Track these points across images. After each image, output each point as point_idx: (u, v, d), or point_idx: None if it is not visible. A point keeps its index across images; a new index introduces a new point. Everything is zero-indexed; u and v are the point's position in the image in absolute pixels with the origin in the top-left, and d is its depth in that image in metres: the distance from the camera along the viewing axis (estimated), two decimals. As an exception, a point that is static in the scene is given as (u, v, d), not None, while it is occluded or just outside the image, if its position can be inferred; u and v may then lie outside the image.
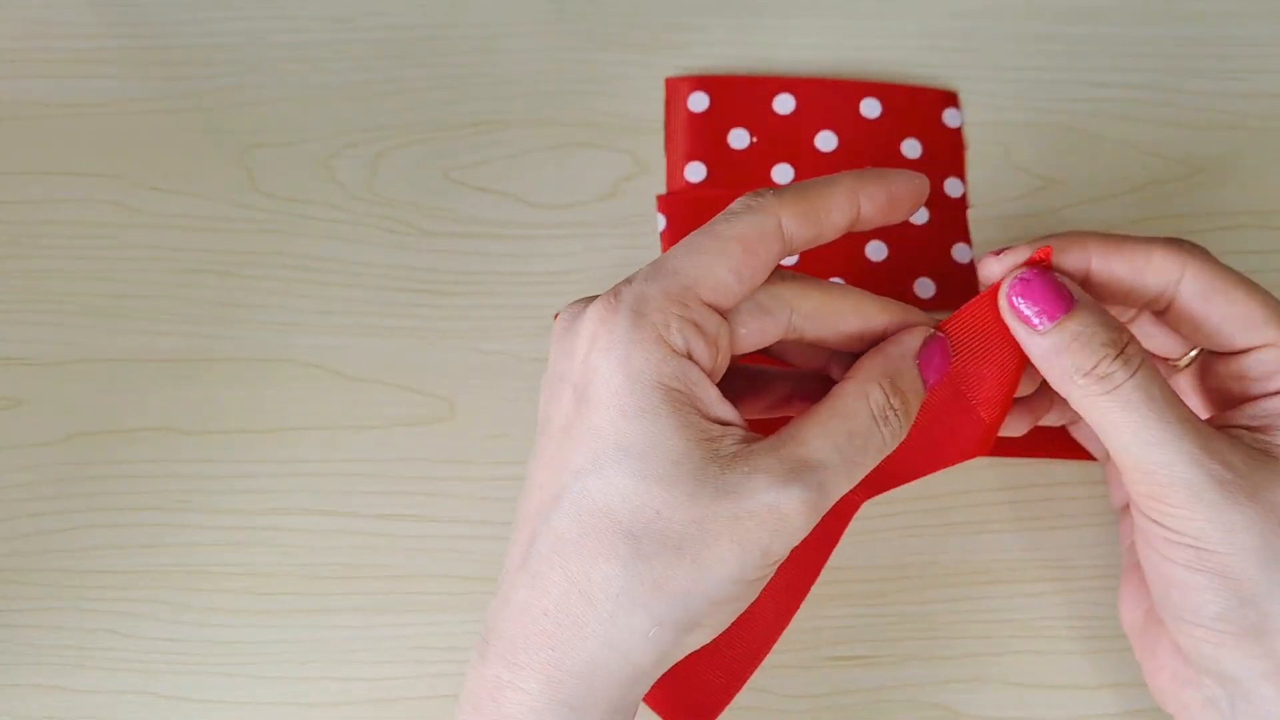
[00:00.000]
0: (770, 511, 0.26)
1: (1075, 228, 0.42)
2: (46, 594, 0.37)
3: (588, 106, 0.43)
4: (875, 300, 0.30)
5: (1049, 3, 0.45)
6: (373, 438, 0.39)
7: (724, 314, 0.28)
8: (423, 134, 0.43)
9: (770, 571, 0.27)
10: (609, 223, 0.42)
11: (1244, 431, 0.30)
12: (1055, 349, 0.29)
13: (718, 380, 0.28)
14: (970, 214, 0.42)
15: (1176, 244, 0.31)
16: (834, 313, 0.29)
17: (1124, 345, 0.29)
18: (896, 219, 0.30)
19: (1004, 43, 0.45)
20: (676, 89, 0.43)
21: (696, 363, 0.27)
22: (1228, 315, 0.30)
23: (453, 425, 0.39)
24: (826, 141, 0.43)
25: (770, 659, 0.37)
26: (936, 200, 0.42)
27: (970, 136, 0.43)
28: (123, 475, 0.38)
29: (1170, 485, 0.28)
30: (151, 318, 0.40)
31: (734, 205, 0.29)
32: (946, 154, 0.43)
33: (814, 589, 0.37)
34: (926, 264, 0.41)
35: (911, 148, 0.43)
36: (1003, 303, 0.30)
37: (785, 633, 0.37)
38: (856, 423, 0.28)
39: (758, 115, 0.43)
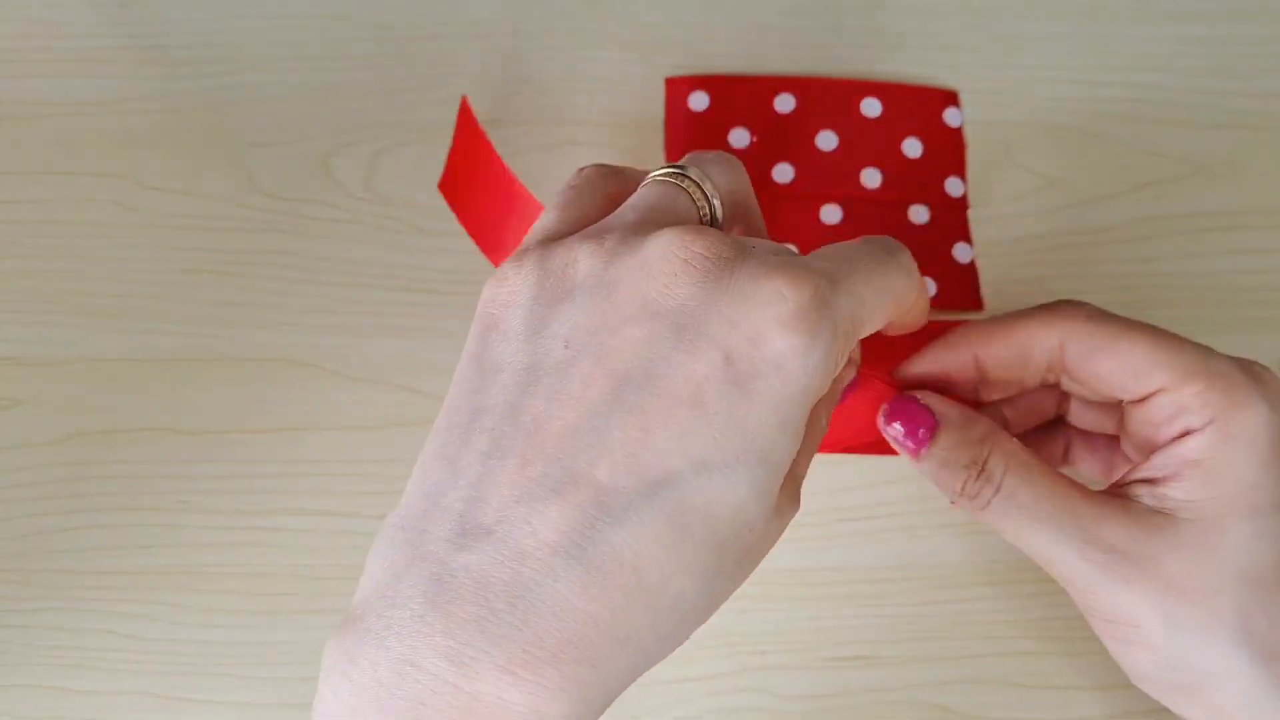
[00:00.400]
0: (786, 522, 0.26)
1: (1072, 232, 0.42)
2: (46, 594, 0.37)
3: (588, 106, 0.43)
4: None
5: (1049, 2, 0.45)
6: (373, 438, 0.39)
7: None
8: (422, 134, 0.43)
9: None
10: (609, 223, 0.42)
11: (1146, 489, 0.30)
12: (931, 474, 0.32)
13: None
14: (970, 214, 0.42)
15: (1050, 311, 0.32)
16: None
17: (984, 461, 0.30)
18: (896, 332, 0.31)
19: (1004, 43, 0.45)
20: (676, 89, 0.43)
21: None
22: (1114, 369, 0.31)
23: (453, 425, 0.39)
24: (827, 141, 0.43)
25: (770, 659, 0.37)
26: (937, 200, 0.42)
27: (970, 136, 0.43)
28: (123, 475, 0.38)
29: (1066, 578, 0.30)
30: (151, 318, 0.40)
31: (899, 251, 0.28)
32: (947, 153, 0.43)
33: (814, 589, 0.37)
34: (927, 264, 0.41)
35: (912, 147, 0.43)
36: (885, 432, 0.32)
37: (785, 633, 0.37)
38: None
39: (758, 115, 0.43)
